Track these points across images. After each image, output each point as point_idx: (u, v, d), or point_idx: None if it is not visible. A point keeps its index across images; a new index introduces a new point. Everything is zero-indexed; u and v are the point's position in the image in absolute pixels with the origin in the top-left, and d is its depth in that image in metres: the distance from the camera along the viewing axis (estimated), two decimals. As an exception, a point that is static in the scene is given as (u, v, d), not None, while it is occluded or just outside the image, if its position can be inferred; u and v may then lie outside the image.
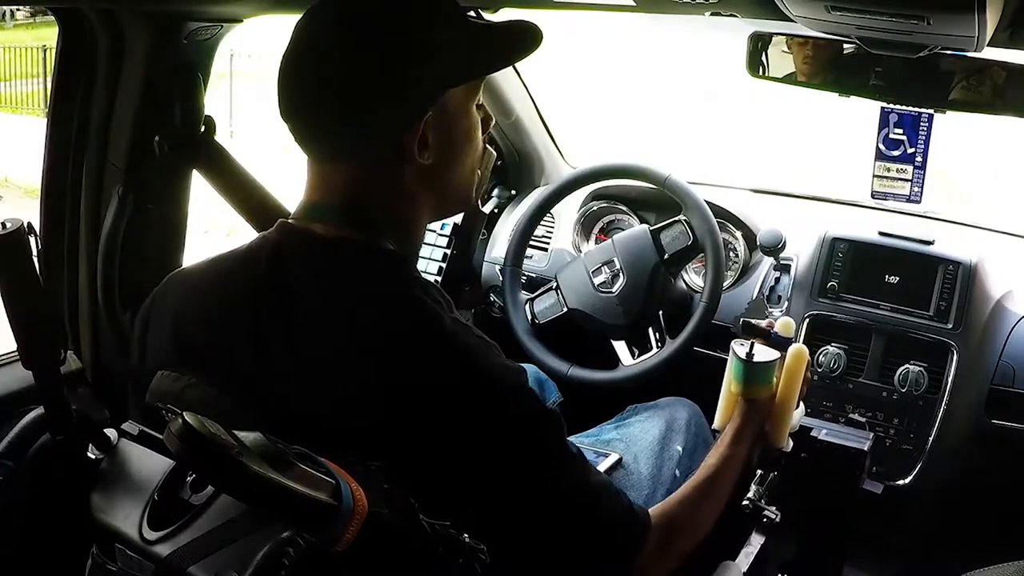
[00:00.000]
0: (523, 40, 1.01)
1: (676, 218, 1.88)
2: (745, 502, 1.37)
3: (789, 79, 1.62)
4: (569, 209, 2.17)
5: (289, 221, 1.02)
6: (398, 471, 0.84)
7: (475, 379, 0.94)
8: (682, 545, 1.11)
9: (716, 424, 1.38)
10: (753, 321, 1.39)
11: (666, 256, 1.87)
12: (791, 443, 1.37)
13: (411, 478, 0.84)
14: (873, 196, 1.74)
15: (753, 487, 1.37)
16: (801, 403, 1.39)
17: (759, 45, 1.61)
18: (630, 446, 1.58)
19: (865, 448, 1.56)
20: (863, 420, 1.77)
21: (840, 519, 1.63)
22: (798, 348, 1.34)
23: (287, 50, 0.98)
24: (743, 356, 1.30)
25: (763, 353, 1.30)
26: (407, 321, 0.94)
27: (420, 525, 0.82)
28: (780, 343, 1.35)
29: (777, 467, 1.40)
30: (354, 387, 0.92)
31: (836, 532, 1.66)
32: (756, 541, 1.36)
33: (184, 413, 0.74)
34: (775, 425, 1.33)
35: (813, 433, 1.55)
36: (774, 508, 1.38)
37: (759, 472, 1.39)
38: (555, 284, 1.95)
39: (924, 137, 1.65)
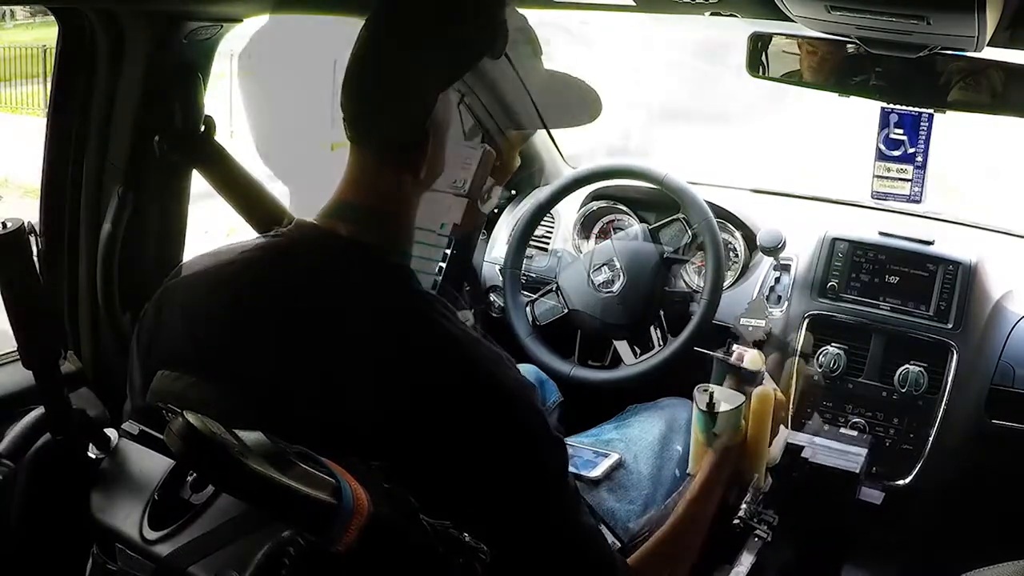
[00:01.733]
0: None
1: (674, 216, 1.88)
2: (736, 520, 1.36)
3: (789, 79, 1.62)
4: (569, 209, 2.17)
5: (308, 221, 1.02)
6: (399, 471, 0.84)
7: (485, 391, 0.94)
8: None
9: (690, 469, 1.38)
10: (721, 356, 1.39)
11: (666, 254, 1.88)
12: (770, 479, 1.36)
13: (412, 478, 0.84)
14: (873, 196, 1.74)
15: (744, 505, 1.36)
16: (781, 429, 1.38)
17: (759, 45, 1.61)
18: (630, 446, 1.58)
19: (856, 470, 1.53)
20: (859, 427, 1.76)
21: (835, 534, 1.62)
22: (762, 391, 1.33)
23: (375, 30, 1.00)
24: (704, 407, 1.29)
25: (725, 400, 1.30)
26: (416, 327, 0.95)
27: (421, 525, 0.81)
28: (748, 378, 1.35)
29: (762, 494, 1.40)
30: (357, 389, 0.92)
31: (832, 547, 1.65)
32: (746, 560, 1.35)
33: (185, 412, 0.74)
34: (750, 464, 1.33)
35: (804, 455, 1.53)
36: (765, 527, 1.37)
37: (750, 491, 1.38)
38: (556, 286, 1.96)
39: (924, 137, 1.64)
